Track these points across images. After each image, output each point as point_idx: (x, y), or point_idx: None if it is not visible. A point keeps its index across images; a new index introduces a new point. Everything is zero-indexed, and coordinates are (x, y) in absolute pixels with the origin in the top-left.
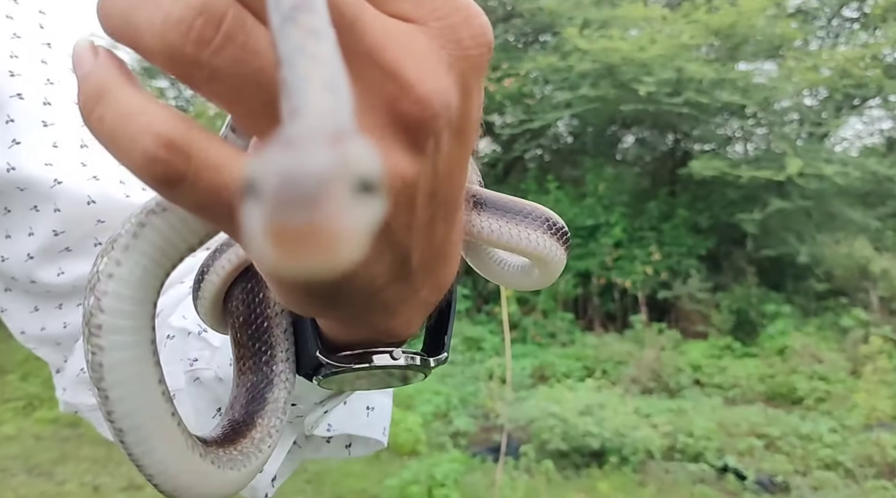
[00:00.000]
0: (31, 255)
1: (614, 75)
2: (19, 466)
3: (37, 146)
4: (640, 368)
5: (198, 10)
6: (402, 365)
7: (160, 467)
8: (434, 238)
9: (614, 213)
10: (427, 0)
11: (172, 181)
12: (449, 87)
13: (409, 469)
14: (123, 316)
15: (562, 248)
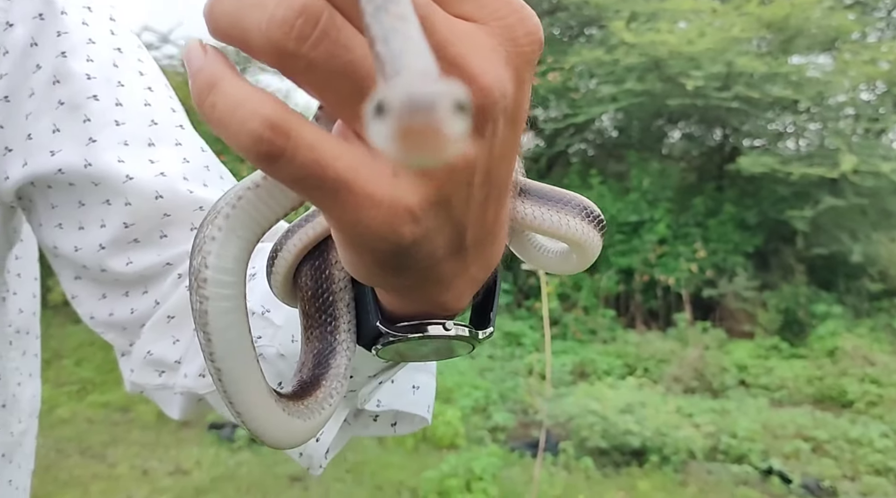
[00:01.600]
0: (103, 245)
1: (661, 69)
2: (73, 448)
3: (110, 144)
4: (683, 367)
5: (298, 12)
6: (453, 335)
7: (247, 406)
8: (486, 217)
9: (659, 208)
10: (487, 2)
11: (274, 157)
12: (506, 79)
13: (448, 462)
14: (223, 272)
15: (598, 233)
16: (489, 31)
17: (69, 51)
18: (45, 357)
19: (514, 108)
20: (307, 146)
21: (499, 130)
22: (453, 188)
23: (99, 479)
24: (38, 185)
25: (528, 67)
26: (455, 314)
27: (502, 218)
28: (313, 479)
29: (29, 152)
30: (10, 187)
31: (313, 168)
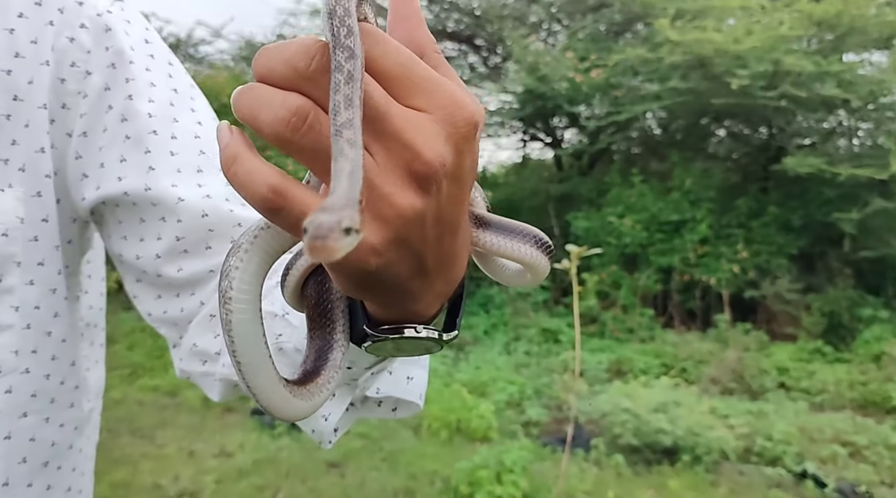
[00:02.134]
0: (159, 255)
1: (706, 67)
2: (124, 428)
3: (166, 172)
4: (722, 368)
5: (293, 112)
6: (423, 337)
7: (261, 389)
8: (442, 247)
9: (701, 208)
10: (433, 98)
11: (276, 212)
12: (445, 154)
13: (480, 454)
14: (243, 293)
15: (546, 258)
16: (434, 118)
17: (134, 94)
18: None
19: (455, 171)
20: (299, 203)
21: (443, 188)
22: (408, 230)
23: (148, 458)
24: (108, 204)
25: (465, 142)
26: (429, 320)
27: (457, 246)
28: (350, 465)
29: (101, 178)
30: (86, 206)
31: (302, 219)
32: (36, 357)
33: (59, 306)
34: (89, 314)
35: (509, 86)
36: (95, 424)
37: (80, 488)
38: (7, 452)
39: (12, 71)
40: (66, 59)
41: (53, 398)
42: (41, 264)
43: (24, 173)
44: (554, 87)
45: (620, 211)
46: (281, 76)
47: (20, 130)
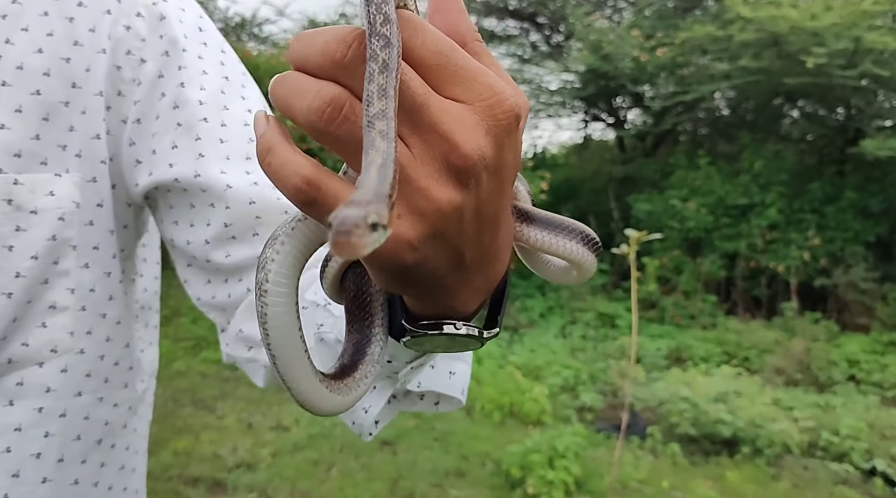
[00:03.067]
0: (208, 240)
1: (780, 45)
2: (187, 399)
3: (215, 159)
4: (788, 359)
5: (328, 102)
6: (462, 334)
7: (296, 384)
8: (482, 242)
9: (771, 192)
10: (472, 87)
11: (309, 203)
12: (485, 146)
13: (532, 438)
14: (280, 285)
15: (592, 255)
16: (474, 109)
17: (186, 82)
18: (165, 314)
19: (496, 165)
20: (333, 196)
21: (483, 182)
22: (445, 225)
23: (209, 428)
24: (160, 189)
25: (505, 135)
26: (468, 316)
27: (498, 242)
28: (402, 444)
29: (153, 164)
30: (139, 192)
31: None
32: (91, 338)
33: (113, 289)
34: (144, 297)
35: (571, 65)
36: (149, 404)
37: (133, 467)
38: (62, 430)
39: (71, 59)
40: (122, 48)
41: (107, 378)
42: (96, 248)
43: (81, 159)
44: (618, 67)
45: (685, 194)
46: (316, 65)
47: (77, 117)
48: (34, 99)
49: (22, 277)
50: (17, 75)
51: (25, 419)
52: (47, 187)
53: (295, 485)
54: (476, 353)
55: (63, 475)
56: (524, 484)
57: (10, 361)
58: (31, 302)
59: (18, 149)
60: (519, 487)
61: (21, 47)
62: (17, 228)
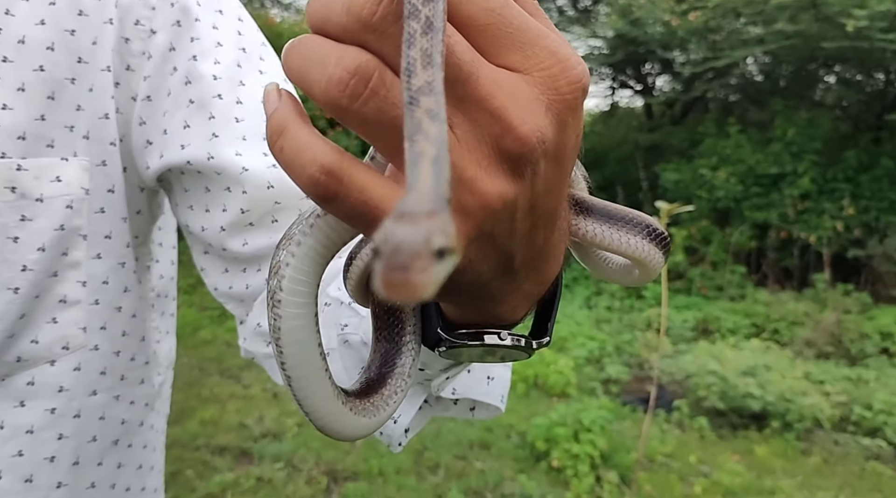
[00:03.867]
0: (223, 227)
1: (818, 8)
2: (213, 368)
3: (230, 139)
4: (819, 331)
5: (352, 73)
6: (507, 345)
7: (313, 408)
8: (535, 242)
9: (804, 161)
10: (532, 54)
11: (329, 198)
12: (545, 127)
13: (558, 411)
14: (295, 294)
15: (660, 252)
16: (532, 80)
17: (199, 54)
18: (191, 283)
19: (556, 150)
20: (358, 189)
21: (540, 171)
22: (494, 224)
23: (235, 398)
24: (173, 172)
25: (570, 112)
26: (513, 324)
27: (554, 241)
28: None
29: (165, 145)
30: (151, 175)
31: (362, 208)
32: (105, 333)
33: (128, 280)
34: (160, 284)
35: (599, 30)
36: (166, 398)
37: (151, 465)
38: (77, 431)
39: (76, 31)
40: (131, 17)
41: (123, 375)
42: (108, 237)
43: (89, 141)
44: (647, 32)
45: (714, 163)
46: (339, 25)
47: (84, 95)
48: (38, 76)
49: (29, 270)
50: (18, 50)
51: (38, 421)
52: (53, 172)
53: (320, 455)
54: None
55: (79, 479)
56: (549, 457)
57: (19, 360)
58: (40, 297)
59: (22, 131)
60: (544, 460)
61: (22, 18)
62: (23, 218)
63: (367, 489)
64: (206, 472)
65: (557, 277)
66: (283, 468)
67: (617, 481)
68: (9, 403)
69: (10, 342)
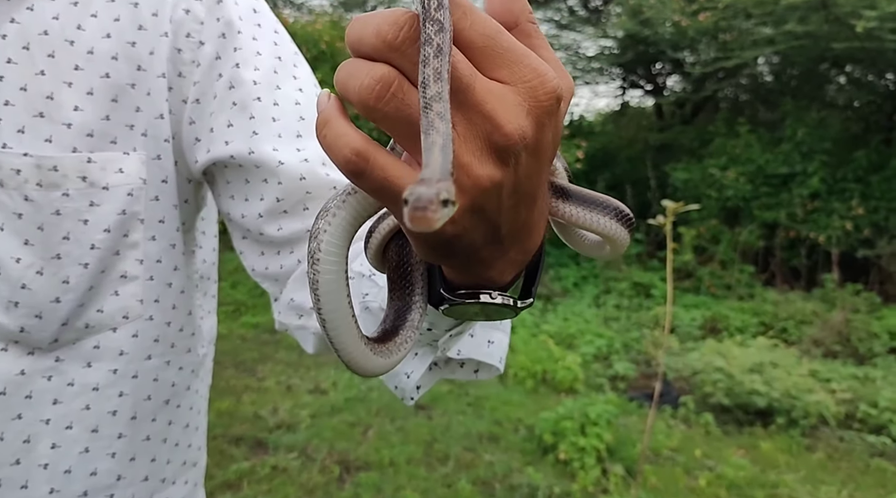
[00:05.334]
0: (261, 214)
1: (828, 8)
2: (229, 361)
3: (268, 136)
4: (826, 330)
5: (377, 81)
6: (498, 303)
7: (343, 346)
8: (518, 217)
9: (814, 161)
10: (517, 70)
11: (357, 174)
12: (526, 127)
13: (565, 405)
14: (331, 254)
15: (626, 231)
16: (516, 90)
17: (241, 62)
18: None
19: (535, 145)
20: (380, 168)
21: (522, 160)
22: (484, 200)
23: (250, 390)
24: (217, 166)
25: (546, 116)
26: (505, 286)
27: (534, 217)
28: (437, 408)
29: (211, 142)
30: (198, 168)
31: (383, 183)
32: (158, 306)
33: (177, 260)
34: (203, 267)
35: (610, 30)
36: (208, 369)
37: (196, 425)
38: (134, 390)
39: (136, 42)
40: (183, 31)
41: (173, 343)
42: (162, 222)
43: (147, 138)
44: (657, 32)
45: (724, 162)
46: (370, 46)
47: (143, 98)
48: (104, 82)
49: (97, 248)
50: (88, 59)
51: (102, 380)
52: (117, 165)
53: (333, 445)
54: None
55: (136, 431)
56: (556, 450)
57: (87, 326)
58: (105, 272)
59: (91, 129)
60: (551, 453)
61: (91, 33)
62: (91, 204)
63: (378, 478)
64: (223, 461)
65: (540, 248)
66: (297, 458)
67: (623, 474)
68: (78, 364)
69: (80, 311)
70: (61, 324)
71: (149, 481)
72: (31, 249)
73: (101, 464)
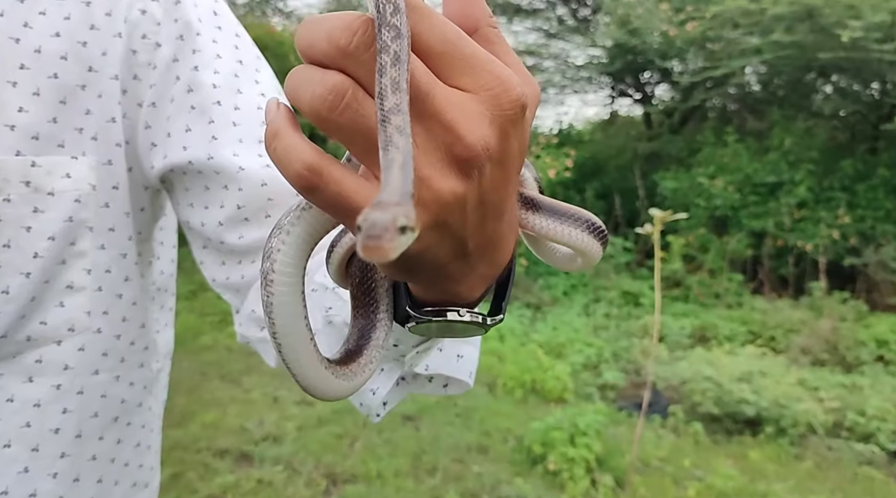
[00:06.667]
0: (221, 222)
1: (814, 18)
2: (214, 372)
3: (228, 141)
4: (814, 338)
5: (330, 90)
6: (466, 321)
7: (301, 371)
8: (485, 231)
9: (800, 170)
10: (479, 77)
11: (310, 190)
12: (489, 137)
13: (554, 415)
14: (285, 275)
15: (598, 243)
16: (479, 99)
17: (200, 65)
18: (192, 289)
19: (500, 155)
20: (334, 183)
21: (486, 172)
22: (447, 214)
23: (236, 402)
24: (175, 172)
25: (511, 125)
26: (473, 303)
27: (501, 231)
28: (425, 419)
29: (168, 147)
30: (155, 174)
31: (338, 198)
32: (107, 318)
33: (129, 270)
34: (161, 279)
35: (598, 39)
36: (164, 385)
37: (148, 444)
38: (80, 406)
39: (87, 42)
40: (138, 31)
41: (123, 358)
42: (112, 230)
43: (97, 142)
44: (646, 41)
45: (712, 171)
46: (322, 52)
47: (93, 100)
48: (51, 82)
49: (40, 257)
50: (35, 59)
51: (44, 395)
52: (64, 169)
53: (319, 458)
54: (498, 330)
55: (81, 450)
56: (545, 460)
57: (29, 339)
58: (49, 282)
59: (36, 131)
60: (540, 464)
61: (39, 31)
62: (35, 210)
63: (365, 492)
64: (207, 474)
65: (510, 263)
66: (282, 471)
67: (612, 484)
68: (18, 379)
69: (21, 322)
70: (0, 336)
71: None
72: None
73: (41, 484)
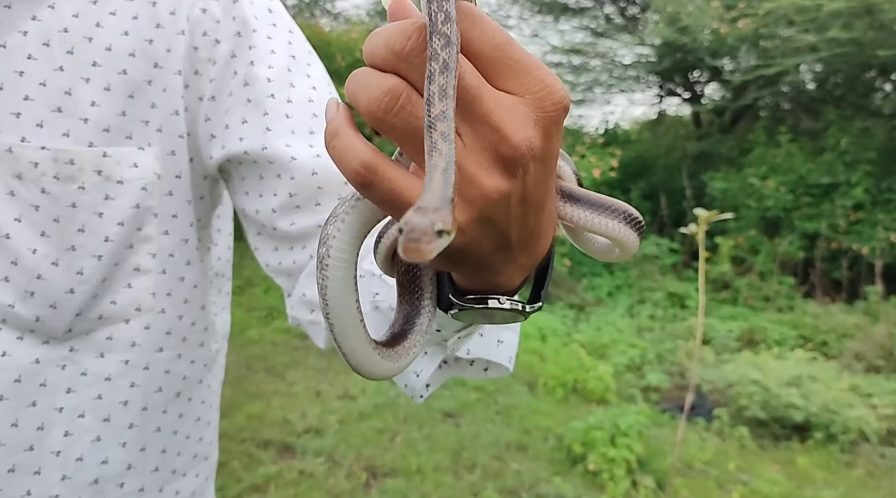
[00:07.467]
0: (274, 209)
1: (874, 15)
2: (259, 366)
3: (281, 133)
4: (869, 344)
5: (386, 92)
6: (506, 308)
7: (350, 351)
8: (527, 225)
9: (857, 171)
10: (524, 81)
11: (366, 186)
12: (534, 137)
13: (595, 415)
14: (340, 260)
15: (635, 234)
16: (524, 101)
17: (256, 60)
18: (239, 284)
19: (543, 155)
20: (388, 180)
21: (530, 170)
22: (492, 210)
23: (279, 395)
24: (232, 162)
25: (554, 126)
26: (513, 291)
27: (542, 224)
28: (465, 416)
29: (226, 138)
30: (213, 164)
31: (390, 194)
32: (170, 299)
33: (191, 255)
34: (218, 264)
35: (647, 38)
36: (221, 364)
37: (207, 420)
38: (146, 381)
39: (153, 40)
40: (199, 29)
41: (185, 337)
42: (175, 216)
43: (162, 134)
44: (696, 39)
45: (763, 172)
46: (381, 58)
47: (159, 95)
48: (121, 78)
49: (111, 241)
50: (106, 56)
51: (114, 370)
52: (132, 159)
53: (360, 451)
54: (540, 330)
55: (147, 422)
56: (585, 460)
57: (100, 317)
58: (119, 264)
59: (107, 124)
60: (580, 463)
61: (109, 30)
62: (106, 197)
63: (405, 485)
64: (251, 464)
65: (549, 253)
66: (324, 463)
67: (653, 486)
68: (91, 354)
69: (93, 302)
70: (75, 314)
71: (159, 472)
72: (46, 240)
73: (112, 453)
